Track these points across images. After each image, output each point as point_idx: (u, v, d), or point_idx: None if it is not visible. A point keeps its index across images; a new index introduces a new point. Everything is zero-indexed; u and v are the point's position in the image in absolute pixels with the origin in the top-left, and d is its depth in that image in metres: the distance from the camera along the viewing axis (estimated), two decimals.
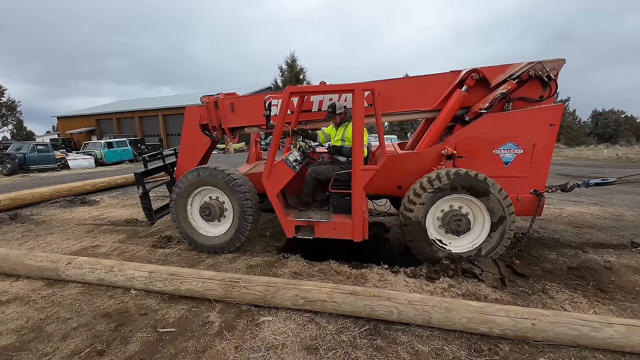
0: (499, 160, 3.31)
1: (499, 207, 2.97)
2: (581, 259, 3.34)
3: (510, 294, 2.64)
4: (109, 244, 4.10)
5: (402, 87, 3.56)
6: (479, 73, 3.31)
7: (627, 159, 16.36)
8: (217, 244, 3.62)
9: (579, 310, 2.40)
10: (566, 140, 33.41)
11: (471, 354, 1.95)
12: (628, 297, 2.59)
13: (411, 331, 2.16)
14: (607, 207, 5.72)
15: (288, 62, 27.81)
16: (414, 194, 3.11)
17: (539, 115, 3.20)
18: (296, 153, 3.53)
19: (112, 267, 2.86)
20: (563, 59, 3.27)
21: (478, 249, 3.10)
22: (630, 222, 4.74)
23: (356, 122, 2.99)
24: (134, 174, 3.89)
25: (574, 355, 1.92)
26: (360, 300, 2.26)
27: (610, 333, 1.92)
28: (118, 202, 6.97)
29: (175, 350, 2.03)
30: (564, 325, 1.98)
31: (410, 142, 4.59)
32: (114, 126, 32.77)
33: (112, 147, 18.52)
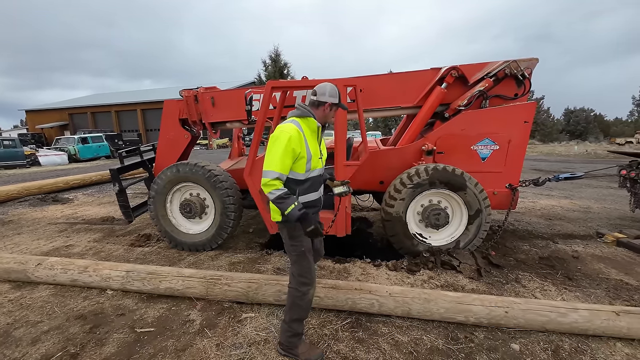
0: (477, 155, 3.42)
1: (476, 201, 3.07)
2: (551, 249, 3.52)
3: (486, 284, 2.75)
4: (84, 244, 3.93)
5: (384, 84, 3.60)
6: (458, 71, 3.39)
7: (595, 154, 17.35)
8: (199, 241, 3.55)
9: (548, 297, 2.54)
10: (541, 137, 34.96)
11: (448, 342, 2.02)
12: (592, 284, 2.76)
13: (392, 322, 2.22)
14: (576, 200, 6.06)
15: (272, 57, 27.39)
16: (394, 189, 3.16)
17: (514, 113, 3.32)
18: None
19: (86, 267, 2.74)
20: (536, 59, 3.40)
21: (456, 242, 3.20)
22: (597, 214, 5.04)
23: (338, 117, 2.99)
24: (110, 171, 3.74)
25: (542, 340, 2.03)
26: (342, 293, 2.29)
27: (576, 318, 2.04)
28: (93, 200, 6.69)
29: (154, 350, 1.98)
30: (534, 312, 2.08)
31: (392, 138, 4.66)
32: (89, 121, 31.27)
33: (86, 142, 17.67)
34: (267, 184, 1.66)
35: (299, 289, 1.85)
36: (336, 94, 1.86)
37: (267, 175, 1.67)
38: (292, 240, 1.83)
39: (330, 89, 1.83)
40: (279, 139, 1.68)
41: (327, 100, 1.82)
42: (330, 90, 1.83)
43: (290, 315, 1.86)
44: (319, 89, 1.83)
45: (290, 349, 1.86)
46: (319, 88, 1.83)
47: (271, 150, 1.69)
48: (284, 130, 1.70)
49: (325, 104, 1.83)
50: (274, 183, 1.66)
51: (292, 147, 1.69)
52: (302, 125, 1.78)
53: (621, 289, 2.66)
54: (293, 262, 1.88)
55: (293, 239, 1.83)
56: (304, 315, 1.89)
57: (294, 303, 1.86)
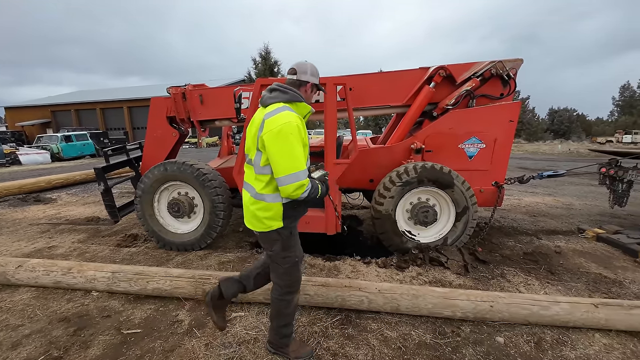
0: (464, 154, 3.48)
1: (463, 198, 3.13)
2: (535, 245, 3.63)
3: (472, 280, 2.81)
4: (67, 245, 3.82)
5: (374, 83, 3.62)
6: (445, 70, 3.44)
7: (577, 153, 17.92)
8: (187, 241, 3.50)
9: (531, 291, 2.62)
10: (526, 136, 35.87)
11: (436, 336, 2.06)
12: (573, 278, 2.86)
13: (381, 318, 2.24)
14: (559, 197, 6.25)
15: (262, 55, 27.17)
16: (383, 187, 3.19)
17: (500, 112, 3.40)
18: None
19: (70, 269, 2.67)
20: (521, 59, 3.48)
21: (444, 239, 3.26)
22: (578, 211, 5.22)
23: (328, 116, 3.00)
24: (94, 169, 3.65)
25: (526, 332, 2.10)
26: (332, 291, 2.31)
27: (557, 310, 2.11)
28: (78, 200, 6.51)
29: (142, 352, 1.95)
30: (518, 306, 2.15)
31: (382, 137, 4.70)
32: (73, 118, 30.33)
33: (70, 140, 17.15)
34: (301, 186, 1.47)
35: (284, 298, 1.75)
36: (317, 74, 1.70)
37: (298, 177, 1.46)
38: (286, 252, 1.68)
39: (312, 67, 1.67)
40: (291, 133, 1.45)
41: (309, 79, 1.64)
42: (311, 69, 1.66)
43: (278, 322, 1.80)
44: (299, 67, 1.63)
45: (280, 347, 1.86)
46: (299, 66, 1.63)
47: (288, 149, 1.45)
48: (291, 122, 1.47)
49: (307, 84, 1.64)
50: (306, 182, 1.50)
51: (303, 138, 1.52)
52: (295, 111, 1.58)
53: (600, 282, 2.77)
54: (282, 273, 1.72)
55: (288, 250, 1.68)
56: (291, 319, 1.83)
57: (279, 312, 1.78)
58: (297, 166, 1.46)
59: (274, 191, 1.58)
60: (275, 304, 1.78)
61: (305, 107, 1.64)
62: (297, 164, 1.46)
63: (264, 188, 1.58)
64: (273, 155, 1.47)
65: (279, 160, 1.47)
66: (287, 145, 1.45)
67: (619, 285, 2.72)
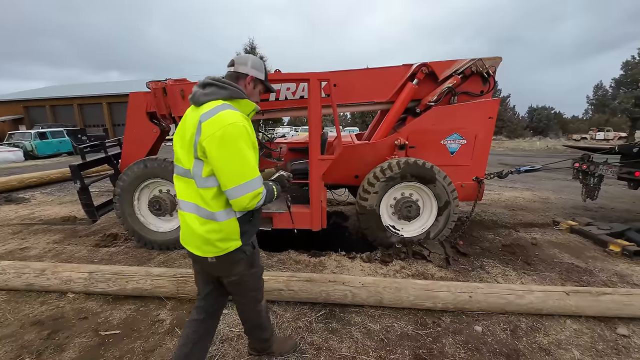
0: (446, 150, 3.55)
1: (444, 193, 3.20)
2: (513, 237, 3.77)
3: (453, 272, 2.89)
4: (42, 246, 3.66)
5: (358, 79, 3.63)
6: (428, 67, 3.49)
7: (554, 149, 18.65)
8: (170, 239, 3.42)
9: (509, 281, 2.72)
10: (507, 133, 37.01)
11: (417, 327, 2.11)
12: (548, 268, 2.99)
13: (364, 312, 2.27)
14: (537, 192, 6.50)
15: (247, 50, 26.73)
16: (368, 183, 3.23)
17: (480, 109, 3.48)
18: None
19: (43, 270, 2.56)
20: (500, 58, 3.58)
21: (427, 233, 3.33)
22: (554, 204, 5.44)
23: (312, 112, 2.99)
24: (70, 167, 3.50)
25: (502, 321, 2.18)
26: (316, 286, 2.32)
27: (531, 299, 2.20)
28: (53, 200, 6.24)
29: (120, 353, 1.90)
30: (495, 295, 2.22)
31: (367, 133, 4.73)
32: (47, 114, 28.94)
33: (45, 138, 16.36)
34: (257, 195, 1.28)
35: (254, 309, 1.63)
36: (261, 68, 1.47)
37: (252, 186, 1.26)
38: (253, 268, 1.50)
39: (254, 60, 1.45)
40: (238, 136, 1.23)
41: (248, 72, 1.42)
42: (253, 62, 1.44)
43: (253, 333, 1.74)
44: (237, 59, 1.43)
45: (263, 350, 1.81)
46: (238, 57, 1.44)
47: (236, 155, 1.22)
48: (236, 122, 1.23)
49: (246, 78, 1.43)
50: (261, 190, 1.31)
51: (252, 140, 1.31)
52: (238, 109, 1.33)
53: (572, 272, 2.91)
54: (250, 289, 1.55)
55: (254, 265, 1.50)
56: (266, 322, 1.72)
57: (252, 324, 1.69)
58: (250, 173, 1.25)
59: (225, 206, 1.31)
60: (247, 319, 1.68)
61: (248, 104, 1.39)
62: (249, 171, 1.25)
63: (213, 204, 1.29)
64: (219, 164, 1.22)
65: (227, 169, 1.22)
66: (235, 150, 1.22)
67: (589, 274, 2.86)
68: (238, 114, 1.29)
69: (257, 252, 1.55)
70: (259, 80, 1.48)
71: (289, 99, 3.77)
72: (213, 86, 1.33)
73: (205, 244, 1.33)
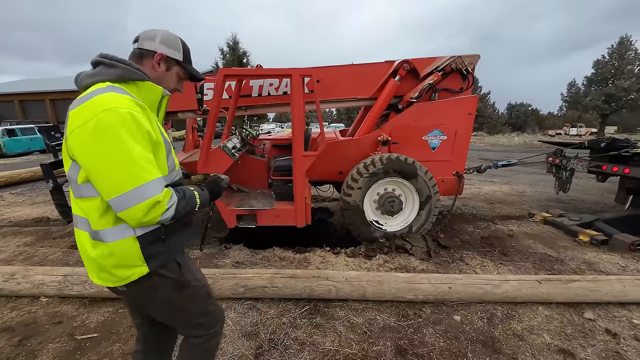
0: (427, 145, 3.63)
1: (426, 188, 3.28)
2: (491, 230, 3.91)
3: (434, 264, 2.97)
4: (12, 248, 3.48)
5: (341, 75, 3.64)
6: (409, 64, 3.54)
7: (531, 144, 19.41)
8: None
9: (486, 272, 2.83)
10: (487, 129, 38.19)
11: (399, 319, 2.16)
12: (523, 258, 3.13)
13: (348, 306, 2.31)
14: (514, 185, 6.76)
15: (230, 45, 26.15)
16: (351, 179, 3.25)
17: (460, 105, 3.57)
18: (235, 140, 3.39)
19: (13, 274, 2.44)
20: (478, 55, 3.67)
21: (409, 227, 3.40)
22: (530, 197, 5.68)
23: (295, 108, 2.97)
24: (41, 165, 3.32)
25: (480, 310, 2.26)
26: (300, 282, 2.32)
27: (507, 288, 2.30)
28: (24, 200, 5.93)
29: (98, 357, 1.84)
30: (473, 286, 2.31)
31: (351, 129, 4.76)
32: (17, 110, 27.33)
33: (14, 135, 15.45)
34: (155, 204, 0.93)
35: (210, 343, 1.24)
36: (177, 46, 1.13)
37: (145, 193, 0.91)
38: (185, 289, 1.13)
39: (164, 34, 1.11)
40: (120, 125, 0.89)
41: (156, 48, 1.08)
42: (163, 36, 1.10)
43: None
44: (143, 34, 1.10)
45: None
46: (144, 32, 1.11)
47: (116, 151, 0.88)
48: (115, 108, 0.90)
49: (154, 56, 1.09)
50: (163, 197, 0.95)
51: (146, 129, 0.95)
52: (132, 94, 1.00)
53: (545, 261, 3.05)
54: (197, 313, 1.19)
55: (186, 286, 1.13)
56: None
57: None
58: (139, 175, 0.91)
59: (115, 222, 0.97)
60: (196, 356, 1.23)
61: (152, 88, 1.06)
62: (138, 172, 0.90)
63: (97, 220, 0.97)
64: (92, 165, 0.90)
65: (104, 171, 0.90)
66: (114, 144, 0.88)
67: (560, 263, 3.02)
68: (125, 97, 0.94)
69: (189, 264, 1.17)
70: (175, 60, 1.14)
71: (272, 95, 3.73)
72: (101, 65, 1.03)
73: (101, 270, 1.01)
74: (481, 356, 1.84)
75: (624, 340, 1.97)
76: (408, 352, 1.86)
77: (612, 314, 2.21)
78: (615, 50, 30.15)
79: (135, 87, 1.03)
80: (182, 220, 1.11)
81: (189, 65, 1.20)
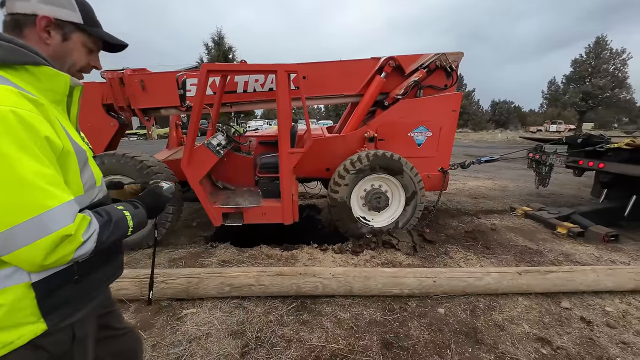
0: (413, 142, 3.68)
1: (411, 183, 3.32)
2: (475, 224, 4.01)
3: (420, 259, 3.03)
4: None
5: (327, 71, 3.63)
6: (395, 61, 3.56)
7: (514, 140, 20.01)
8: (133, 239, 3.23)
9: (469, 265, 2.90)
10: (472, 126, 39.08)
11: (385, 313, 2.19)
12: (504, 251, 3.22)
13: (335, 302, 2.32)
14: (497, 180, 6.95)
15: (215, 39, 25.60)
16: (338, 175, 3.26)
17: (444, 102, 3.63)
18: (220, 137, 3.33)
19: None
20: (462, 53, 3.73)
21: (396, 222, 3.44)
22: (512, 192, 5.86)
23: (280, 104, 2.94)
24: None
25: (463, 302, 2.32)
26: (287, 279, 2.32)
27: (489, 280, 2.37)
28: None
29: None
30: (457, 279, 2.36)
31: (338, 126, 4.76)
32: None
33: None
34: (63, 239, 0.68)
35: None
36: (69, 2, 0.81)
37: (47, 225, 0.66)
38: None
39: None
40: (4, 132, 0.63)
41: (36, 10, 0.77)
42: None
43: None
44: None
45: None
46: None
47: None
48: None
49: (37, 21, 0.77)
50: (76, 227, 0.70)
51: (44, 135, 0.69)
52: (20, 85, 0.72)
53: (525, 253, 3.16)
54: None
55: None
56: None
57: None
58: (35, 202, 0.65)
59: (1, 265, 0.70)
60: None
61: (53, 76, 0.78)
62: (33, 198, 0.65)
63: None
64: None
65: None
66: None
67: (539, 255, 3.13)
68: (8, 90, 0.67)
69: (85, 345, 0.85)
70: (72, 25, 0.82)
71: (257, 91, 3.68)
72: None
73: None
74: (464, 347, 1.89)
75: (597, 327, 2.06)
76: (394, 346, 1.89)
77: (587, 303, 2.32)
78: (592, 50, 31.34)
79: (27, 74, 0.74)
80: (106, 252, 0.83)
81: (97, 29, 0.87)
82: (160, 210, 1.06)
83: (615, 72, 30.26)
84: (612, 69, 30.50)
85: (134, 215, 0.88)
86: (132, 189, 1.18)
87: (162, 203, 1.07)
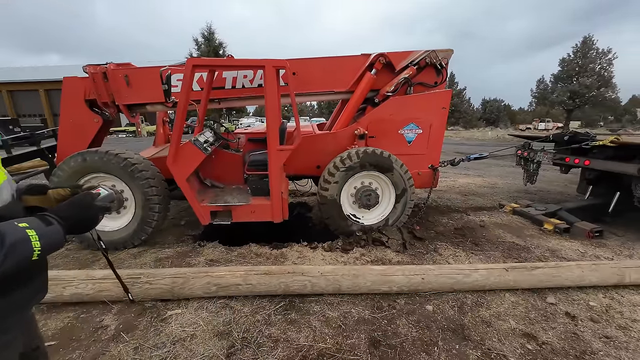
0: (404, 139, 3.67)
1: (401, 181, 3.32)
2: (464, 221, 4.04)
3: (409, 256, 3.03)
4: None
5: (317, 67, 3.58)
6: (385, 57, 3.53)
7: (503, 138, 20.30)
8: (117, 239, 3.16)
9: (458, 262, 2.91)
10: (463, 124, 39.52)
11: (374, 311, 2.18)
12: (492, 247, 3.25)
13: (323, 300, 2.30)
14: (486, 178, 7.03)
15: (205, 35, 25.17)
16: (328, 173, 3.23)
17: (434, 99, 3.63)
18: (207, 133, 3.27)
19: None
20: (451, 50, 3.73)
21: (386, 220, 3.44)
22: (501, 189, 5.93)
23: (269, 100, 2.89)
24: None
25: (451, 299, 2.33)
26: (275, 278, 2.28)
27: (476, 277, 2.38)
28: None
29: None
30: (445, 276, 2.36)
31: (328, 123, 4.73)
32: None
33: None
34: None
35: None
36: None
37: None
38: None
39: None
40: None
41: None
42: None
43: None
44: None
45: None
46: None
47: None
48: None
49: None
50: None
51: None
52: None
53: (513, 249, 3.19)
54: None
55: None
56: None
57: None
58: None
59: None
60: None
61: None
62: None
63: None
64: None
65: None
66: None
67: (526, 251, 3.16)
68: None
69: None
70: None
71: (246, 87, 3.61)
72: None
73: None
74: (451, 344, 1.89)
75: (581, 322, 2.09)
76: (381, 344, 1.88)
77: (572, 298, 2.35)
78: (579, 49, 31.89)
79: None
80: None
81: None
82: (89, 223, 0.86)
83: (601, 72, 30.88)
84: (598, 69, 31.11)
85: (43, 234, 0.69)
86: (59, 195, 0.97)
87: (91, 215, 0.87)
